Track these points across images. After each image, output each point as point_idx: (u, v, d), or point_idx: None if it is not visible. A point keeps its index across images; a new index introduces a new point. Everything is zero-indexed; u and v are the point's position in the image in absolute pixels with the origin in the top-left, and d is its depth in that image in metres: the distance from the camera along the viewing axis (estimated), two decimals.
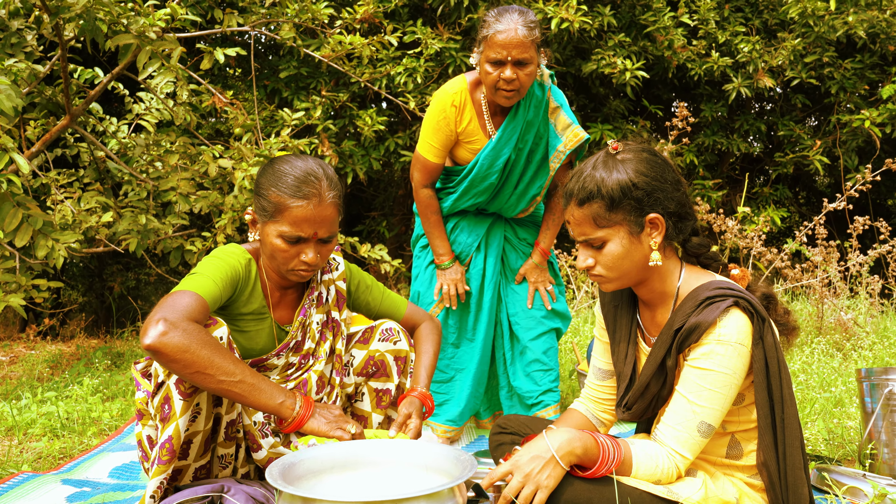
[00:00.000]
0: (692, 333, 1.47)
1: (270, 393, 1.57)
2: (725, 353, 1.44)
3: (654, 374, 1.54)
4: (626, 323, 1.68)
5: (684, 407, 1.48)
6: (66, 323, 5.67)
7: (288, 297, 1.89)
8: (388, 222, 6.90)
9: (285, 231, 1.70)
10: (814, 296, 4.29)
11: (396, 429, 1.76)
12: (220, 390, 1.52)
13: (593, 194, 1.49)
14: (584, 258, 1.55)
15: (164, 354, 1.47)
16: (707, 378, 1.46)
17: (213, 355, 1.50)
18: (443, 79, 5.86)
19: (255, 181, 1.79)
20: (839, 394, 2.94)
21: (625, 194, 1.48)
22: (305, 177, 1.70)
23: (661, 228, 1.52)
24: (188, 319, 1.51)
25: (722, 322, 1.45)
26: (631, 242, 1.51)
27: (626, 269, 1.53)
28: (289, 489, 1.28)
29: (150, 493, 1.59)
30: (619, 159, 1.52)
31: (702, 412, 1.46)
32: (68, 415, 2.93)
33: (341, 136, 5.92)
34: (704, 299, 1.47)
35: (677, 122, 4.69)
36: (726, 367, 1.45)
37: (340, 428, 1.62)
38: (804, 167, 6.31)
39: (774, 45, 5.90)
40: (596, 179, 1.50)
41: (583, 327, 4.27)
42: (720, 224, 4.40)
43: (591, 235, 1.52)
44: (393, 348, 1.97)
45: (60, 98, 3.80)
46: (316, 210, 1.69)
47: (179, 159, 3.72)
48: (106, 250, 3.73)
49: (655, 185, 1.50)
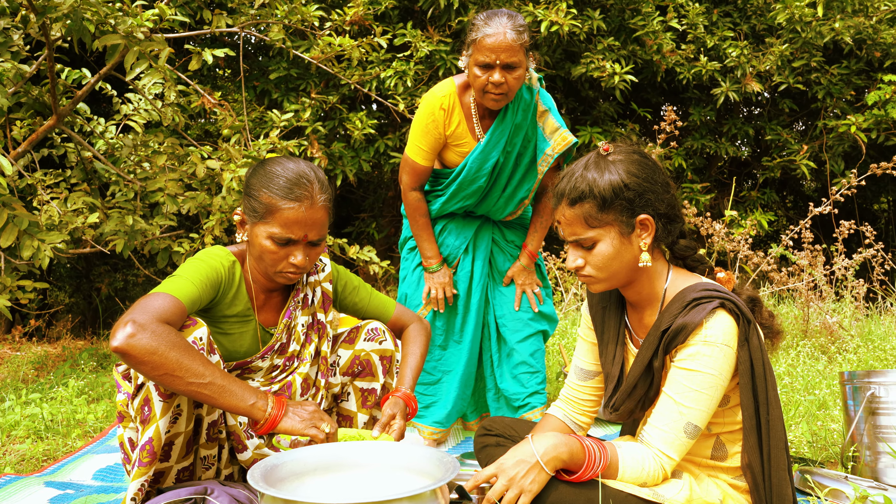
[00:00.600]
0: (679, 334, 1.48)
1: (241, 395, 1.55)
2: (711, 354, 1.45)
3: (642, 375, 1.55)
4: (615, 324, 1.68)
5: (671, 408, 1.48)
6: (53, 324, 5.63)
7: (273, 299, 1.88)
8: (378, 224, 6.89)
9: (275, 233, 1.69)
10: (800, 299, 4.31)
11: (380, 429, 1.75)
12: (190, 392, 1.50)
13: (585, 194, 1.50)
14: (574, 258, 1.55)
15: (132, 356, 1.45)
16: (694, 379, 1.46)
17: (182, 357, 1.48)
18: (433, 81, 5.87)
19: (245, 182, 1.78)
20: (823, 396, 2.95)
21: (616, 195, 1.49)
22: (297, 179, 1.70)
23: (651, 230, 1.52)
24: (158, 321, 1.49)
25: (708, 323, 1.46)
26: (621, 243, 1.51)
27: (615, 270, 1.53)
28: (271, 491, 1.27)
29: (130, 495, 1.57)
30: (610, 160, 1.53)
31: (688, 413, 1.47)
32: (53, 416, 2.91)
33: (331, 138, 5.92)
34: (691, 300, 1.48)
35: (666, 125, 4.71)
36: (712, 369, 1.46)
37: (314, 426, 1.60)
38: (791, 171, 6.36)
39: (762, 49, 5.94)
40: (588, 180, 1.50)
41: (570, 329, 4.28)
42: (708, 227, 4.42)
43: (581, 235, 1.52)
44: (378, 348, 1.97)
45: (47, 98, 3.77)
46: (307, 213, 1.69)
47: (167, 160, 3.71)
48: (92, 251, 3.71)
49: (646, 186, 1.51)
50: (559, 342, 3.79)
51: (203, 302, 1.68)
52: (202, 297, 1.66)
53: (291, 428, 1.59)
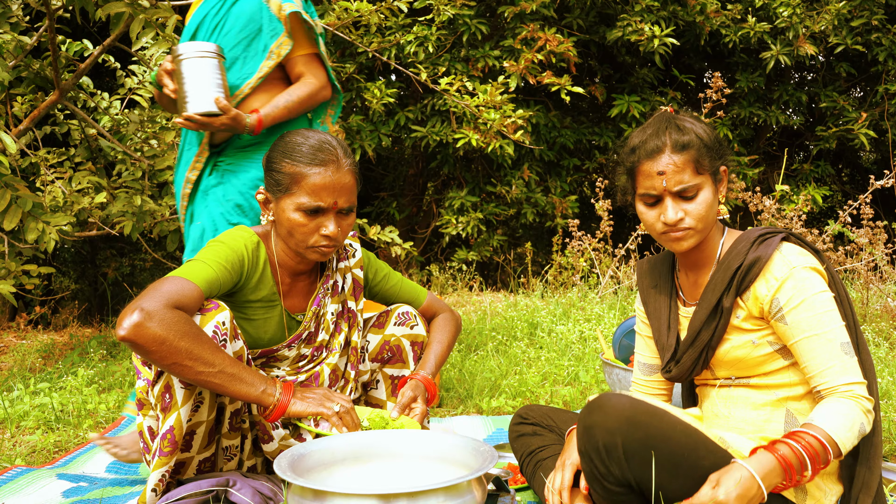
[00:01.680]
0: (753, 267, 1.54)
1: (251, 382, 1.58)
2: (806, 276, 1.51)
3: (707, 318, 1.60)
4: (666, 297, 1.75)
5: (817, 343, 1.50)
6: (59, 311, 5.73)
7: (300, 283, 1.90)
8: (399, 203, 6.91)
9: (304, 203, 1.72)
10: (859, 280, 4.26)
11: (399, 410, 1.77)
12: (200, 381, 1.53)
13: (692, 140, 1.57)
14: (676, 212, 1.57)
15: (139, 346, 1.47)
16: (815, 305, 1.50)
17: (192, 345, 1.50)
18: (456, 48, 5.85)
19: (266, 157, 1.80)
20: (886, 386, 2.92)
21: (715, 141, 1.60)
22: (320, 145, 1.74)
23: (726, 182, 1.63)
24: (167, 307, 1.51)
25: (783, 251, 1.54)
26: (713, 194, 1.60)
27: (710, 221, 1.60)
28: (299, 481, 1.29)
29: (151, 486, 1.61)
30: (686, 118, 1.63)
31: (833, 335, 1.49)
32: (63, 407, 2.97)
33: (348, 111, 5.92)
34: (758, 236, 1.58)
35: (711, 93, 4.65)
36: (815, 288, 1.51)
37: (323, 405, 1.64)
38: (848, 142, 6.25)
39: (817, 8, 5.82)
40: (686, 128, 1.59)
41: (607, 314, 4.27)
42: (757, 203, 4.37)
43: (690, 182, 1.56)
44: (409, 333, 1.98)
45: (49, 72, 3.82)
46: (334, 176, 1.73)
47: (176, 136, 3.74)
48: (99, 234, 3.77)
49: (718, 140, 1.62)
50: (596, 328, 3.79)
51: (224, 286, 1.69)
52: (222, 280, 1.68)
53: (301, 410, 1.63)
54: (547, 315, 4.28)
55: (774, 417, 1.60)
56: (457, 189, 6.33)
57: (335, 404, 1.65)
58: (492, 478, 1.65)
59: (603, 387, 3.21)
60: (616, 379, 2.88)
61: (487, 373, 3.30)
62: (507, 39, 5.82)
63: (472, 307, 4.89)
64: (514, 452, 1.84)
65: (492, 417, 2.96)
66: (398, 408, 1.78)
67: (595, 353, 3.60)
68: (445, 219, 6.07)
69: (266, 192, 1.80)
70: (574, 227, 5.04)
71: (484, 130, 5.24)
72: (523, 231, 7.07)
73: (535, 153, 6.36)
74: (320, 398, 1.66)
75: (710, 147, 1.58)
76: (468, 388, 3.15)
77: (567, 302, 4.61)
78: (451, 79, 4.77)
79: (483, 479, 1.41)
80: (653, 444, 1.38)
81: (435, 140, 5.76)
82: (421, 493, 1.27)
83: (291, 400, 1.64)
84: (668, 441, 1.39)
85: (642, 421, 1.39)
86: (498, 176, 6.45)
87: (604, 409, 1.40)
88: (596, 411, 1.41)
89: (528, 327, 4.11)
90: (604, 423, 1.40)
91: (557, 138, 6.51)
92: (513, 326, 4.14)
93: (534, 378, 3.23)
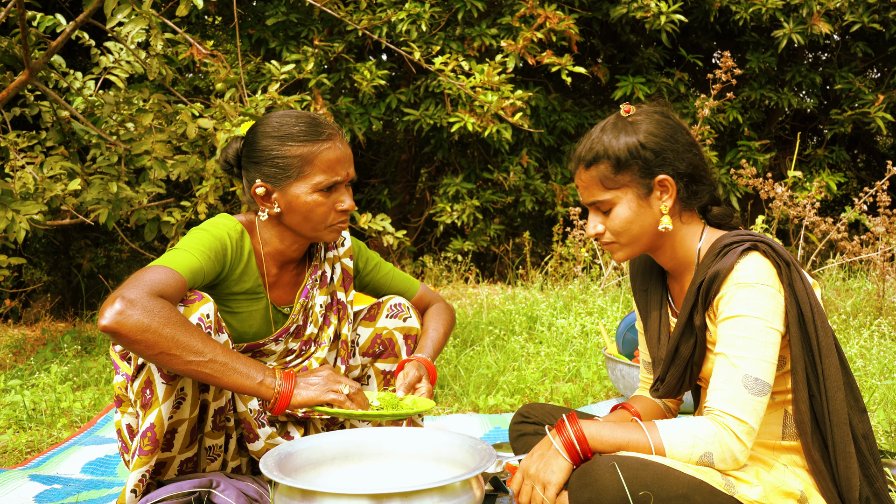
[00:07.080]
0: (714, 282, 1.54)
1: (246, 372, 1.56)
2: (748, 295, 1.50)
3: (683, 334, 1.62)
4: (657, 306, 1.77)
5: (723, 363, 1.51)
6: (30, 304, 5.72)
7: (286, 274, 1.90)
8: (390, 191, 6.90)
9: (321, 181, 1.75)
10: (874, 271, 4.27)
11: (405, 391, 1.77)
12: (189, 372, 1.51)
13: (599, 156, 1.62)
14: (594, 225, 1.67)
15: (123, 335, 1.47)
16: (737, 326, 1.50)
17: (179, 333, 1.49)
18: (451, 26, 5.83)
19: (252, 149, 1.79)
20: None
21: (632, 155, 1.60)
22: (313, 121, 1.79)
23: (672, 191, 1.62)
24: (150, 295, 1.51)
25: (739, 265, 1.52)
26: (640, 206, 1.62)
27: (635, 234, 1.63)
28: (286, 481, 1.30)
29: (130, 486, 1.61)
30: (630, 121, 1.65)
31: (741, 364, 1.49)
32: (35, 405, 2.97)
33: (336, 93, 5.91)
34: (722, 247, 1.57)
35: (720, 73, 4.65)
36: (753, 311, 1.50)
37: (332, 390, 1.61)
38: (864, 126, 6.26)
39: None
40: (603, 142, 1.63)
41: (610, 307, 4.29)
42: (768, 190, 4.38)
43: (598, 198, 1.64)
44: (402, 326, 1.98)
45: (18, 50, 3.80)
46: (342, 148, 1.80)
47: (154, 119, 3.73)
48: (73, 222, 3.75)
49: (665, 145, 1.61)
50: (599, 321, 3.80)
51: (208, 276, 1.69)
52: (205, 269, 1.68)
53: (308, 399, 1.60)
54: (547, 308, 4.29)
55: (773, 420, 1.63)
56: (452, 175, 6.32)
57: (343, 386, 1.62)
58: (489, 477, 1.66)
59: (606, 383, 3.22)
60: (619, 375, 2.89)
61: (484, 369, 3.31)
62: (504, 17, 5.81)
63: (468, 300, 4.90)
64: (515, 452, 1.85)
65: (489, 416, 2.97)
66: (404, 386, 1.77)
67: (597, 348, 3.62)
68: (440, 207, 6.06)
69: (265, 184, 1.78)
70: (575, 216, 5.04)
71: (480, 113, 5.23)
72: (522, 220, 7.08)
73: (534, 137, 6.36)
74: (325, 381, 1.63)
75: (625, 161, 1.60)
76: (464, 384, 3.16)
77: (568, 294, 4.62)
78: (445, 58, 4.75)
79: (480, 479, 1.42)
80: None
81: (428, 123, 5.75)
82: (415, 493, 1.28)
83: (295, 389, 1.60)
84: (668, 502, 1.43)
85: (636, 493, 1.42)
86: (495, 162, 6.45)
87: (594, 488, 1.42)
88: (587, 489, 1.43)
89: (526, 321, 4.12)
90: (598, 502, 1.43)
91: (558, 122, 6.51)
92: (511, 320, 4.15)
93: (533, 374, 3.24)
